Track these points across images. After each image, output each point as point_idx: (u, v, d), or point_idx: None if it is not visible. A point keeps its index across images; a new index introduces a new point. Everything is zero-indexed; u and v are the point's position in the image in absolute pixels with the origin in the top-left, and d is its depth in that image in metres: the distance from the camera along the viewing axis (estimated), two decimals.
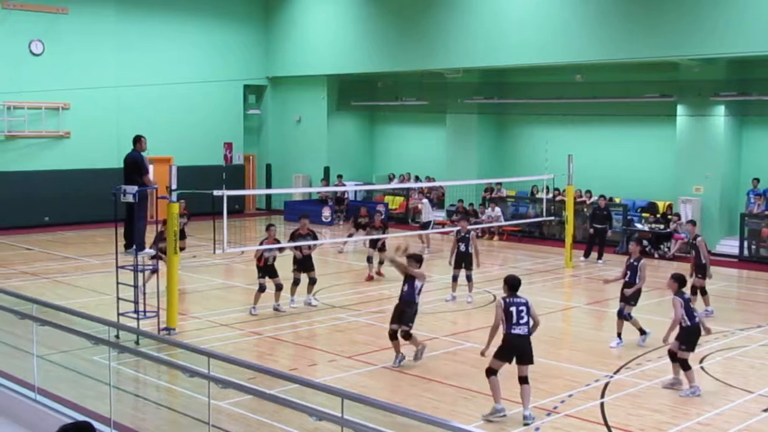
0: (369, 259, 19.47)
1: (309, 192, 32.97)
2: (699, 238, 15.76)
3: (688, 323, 11.16)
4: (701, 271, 15.42)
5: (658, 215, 24.60)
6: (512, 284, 10.22)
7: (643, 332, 13.63)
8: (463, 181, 26.27)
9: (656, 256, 23.39)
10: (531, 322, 10.08)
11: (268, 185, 35.07)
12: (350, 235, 22.07)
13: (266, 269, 15.87)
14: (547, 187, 24.61)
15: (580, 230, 24.77)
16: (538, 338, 14.04)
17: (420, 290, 12.21)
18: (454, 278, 17.16)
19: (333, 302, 17.04)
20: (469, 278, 17.07)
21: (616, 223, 24.72)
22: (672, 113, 24.90)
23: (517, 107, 29.19)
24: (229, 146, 33.52)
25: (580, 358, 12.95)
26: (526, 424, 9.81)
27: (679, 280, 11.35)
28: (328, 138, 33.49)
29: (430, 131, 32.94)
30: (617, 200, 26.29)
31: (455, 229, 26.65)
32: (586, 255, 22.59)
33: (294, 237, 16.42)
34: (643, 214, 25.24)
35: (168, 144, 31.01)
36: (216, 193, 14.55)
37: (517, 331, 9.98)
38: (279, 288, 15.92)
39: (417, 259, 12.18)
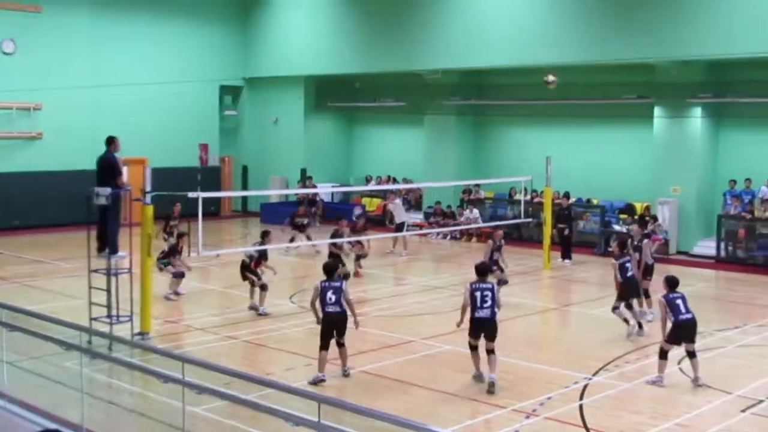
0: (358, 257, 19.56)
1: (285, 194, 32.80)
2: (645, 241, 15.95)
3: (672, 319, 11.57)
4: (648, 273, 15.65)
5: (636, 216, 24.68)
6: (480, 270, 11.68)
7: (641, 326, 14.30)
8: (442, 183, 26.23)
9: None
10: (495, 306, 11.31)
11: (245, 187, 34.85)
12: (291, 240, 22.03)
13: (253, 271, 16.04)
14: (525, 189, 24.64)
15: (555, 232, 24.79)
16: (516, 340, 14.12)
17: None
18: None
19: (308, 305, 16.89)
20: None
21: (594, 225, 24.81)
22: (649, 115, 25.02)
23: (495, 108, 29.23)
24: (204, 148, 33.30)
25: (558, 360, 12.95)
26: (490, 391, 11.10)
27: (669, 282, 11.81)
28: (305, 139, 33.35)
29: (408, 132, 32.89)
30: (595, 201, 26.38)
31: (433, 231, 26.65)
32: (564, 256, 22.59)
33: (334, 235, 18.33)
34: (621, 216, 25.33)
35: (142, 145, 30.69)
36: (191, 195, 14.42)
37: (480, 314, 11.36)
38: (263, 288, 15.98)
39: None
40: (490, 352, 11.48)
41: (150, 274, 13.94)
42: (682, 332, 11.60)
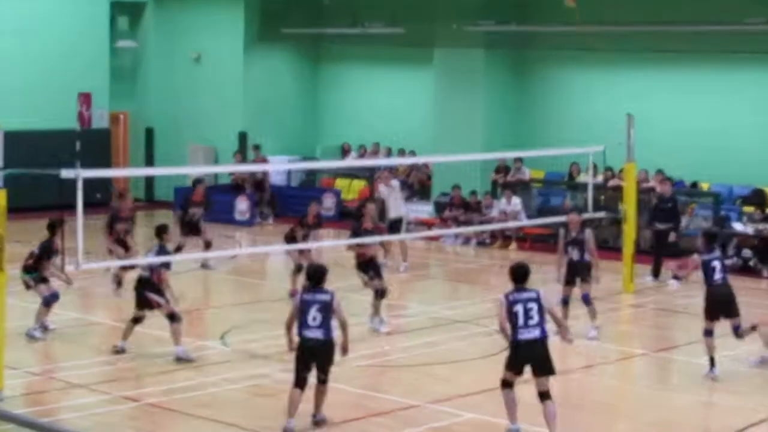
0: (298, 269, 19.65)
1: (214, 173, 32.69)
2: (694, 256, 16.62)
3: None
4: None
5: None
6: (518, 274, 12.55)
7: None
8: (461, 157, 26.20)
9: (766, 274, 23.53)
10: (545, 321, 12.07)
11: (149, 162, 34.73)
12: (178, 249, 21.85)
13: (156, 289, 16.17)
14: (595, 166, 24.67)
15: (646, 233, 24.81)
16: (582, 404, 14.14)
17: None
18: (564, 302, 17.75)
19: (250, 348, 16.94)
20: (587, 300, 17.72)
21: (703, 222, 24.84)
22: None
23: (545, 38, 29.20)
24: (86, 99, 33.24)
25: None
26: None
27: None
28: (244, 87, 33.33)
29: (408, 77, 32.79)
30: (704, 186, 26.41)
31: (448, 232, 26.74)
32: (655, 273, 22.63)
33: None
34: (745, 208, 25.37)
35: None
36: (65, 173, 14.37)
37: (525, 336, 12.13)
38: (174, 319, 16.12)
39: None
40: (544, 395, 12.07)
41: (3, 297, 13.87)
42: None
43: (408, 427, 13.16)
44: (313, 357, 12.65)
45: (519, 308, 12.16)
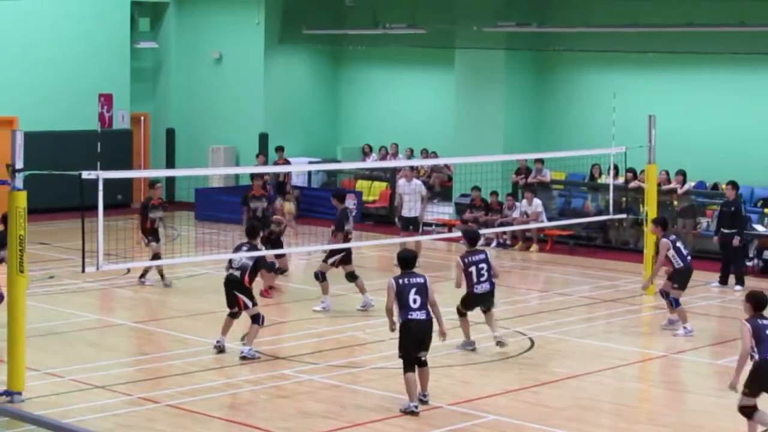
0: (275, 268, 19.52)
1: (235, 174, 32.78)
2: (663, 240, 18.31)
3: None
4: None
5: None
6: (471, 238, 16.47)
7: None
8: (482, 158, 26.19)
9: None
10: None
11: (170, 163, 34.82)
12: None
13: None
14: (616, 167, 24.61)
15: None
16: (598, 406, 14.14)
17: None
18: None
19: (275, 350, 16.97)
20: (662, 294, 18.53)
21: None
22: None
23: (566, 39, 29.17)
24: (106, 100, 33.35)
25: None
26: (499, 343, 16.48)
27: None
28: (265, 88, 33.39)
29: (429, 78, 32.80)
30: (722, 187, 26.36)
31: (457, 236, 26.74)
32: (723, 280, 22.49)
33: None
34: (766, 210, 25.28)
35: (10, 99, 30.78)
36: (86, 175, 14.41)
37: (479, 290, 16.14)
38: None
39: None
40: (486, 311, 16.46)
41: (23, 299, 13.94)
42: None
43: (429, 429, 13.17)
44: (419, 336, 13.55)
45: (473, 270, 16.23)
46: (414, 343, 13.58)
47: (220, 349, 16.59)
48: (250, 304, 16.38)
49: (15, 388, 13.87)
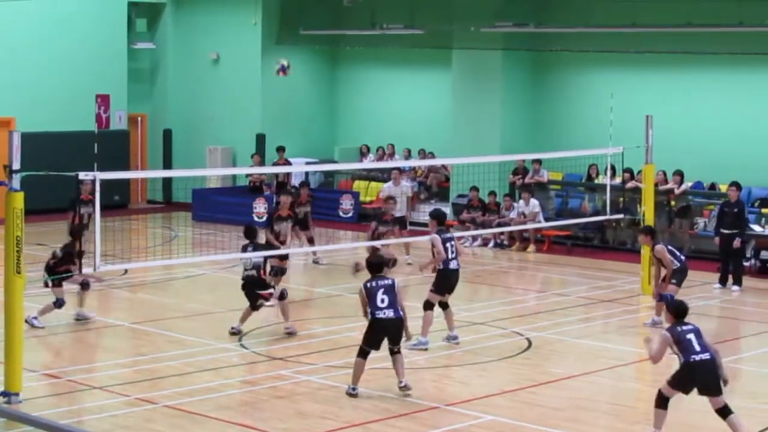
0: (276, 271, 19.53)
1: (232, 174, 32.77)
2: (658, 247, 18.59)
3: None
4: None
5: None
6: (439, 218, 17.24)
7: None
8: (479, 158, 26.22)
9: None
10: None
11: (167, 164, 34.83)
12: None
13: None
14: (613, 168, 24.64)
15: (665, 235, 24.79)
16: (594, 406, 14.14)
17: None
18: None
19: (272, 351, 16.98)
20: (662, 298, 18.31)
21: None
22: None
23: (563, 39, 29.18)
24: (104, 101, 33.37)
25: None
26: (452, 338, 17.05)
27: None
28: (262, 89, 33.40)
29: (426, 79, 32.81)
30: (722, 188, 26.36)
31: (466, 234, 26.78)
32: (722, 281, 22.48)
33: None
34: (764, 210, 25.30)
35: (7, 99, 30.77)
36: (83, 176, 14.42)
37: (453, 265, 16.86)
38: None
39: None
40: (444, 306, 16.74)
41: (20, 300, 13.94)
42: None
43: (426, 429, 13.18)
44: (386, 332, 14.26)
45: (449, 246, 16.85)
46: (379, 340, 14.32)
47: (236, 332, 17.43)
48: (274, 291, 17.54)
49: (12, 388, 13.85)
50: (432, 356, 16.42)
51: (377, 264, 14.69)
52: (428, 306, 16.77)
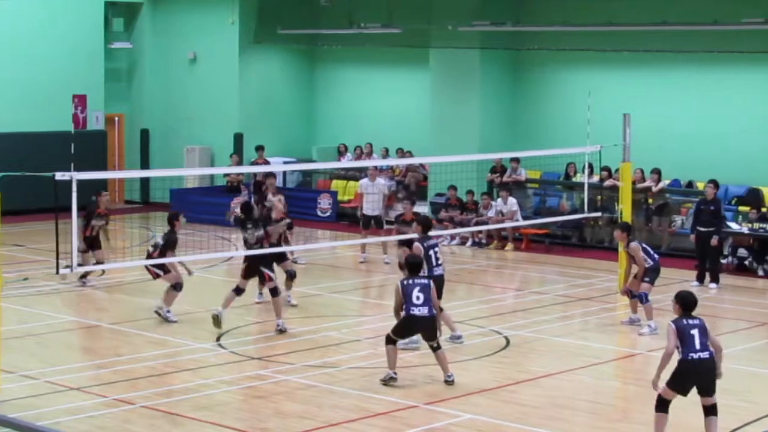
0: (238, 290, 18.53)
1: (210, 174, 32.72)
2: (632, 244, 18.55)
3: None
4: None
5: (764, 209, 24.79)
6: (425, 224, 16.84)
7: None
8: (458, 157, 26.22)
9: (761, 273, 23.58)
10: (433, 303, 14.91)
11: (145, 164, 34.74)
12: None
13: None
14: (591, 166, 24.68)
15: (643, 233, 24.86)
16: (573, 405, 14.18)
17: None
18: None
19: (251, 351, 16.98)
20: (640, 298, 18.35)
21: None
22: None
23: (541, 38, 29.24)
24: (81, 101, 33.28)
25: None
26: (455, 338, 16.86)
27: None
28: (240, 88, 33.37)
29: (404, 78, 32.82)
30: (699, 185, 26.48)
31: (444, 232, 26.79)
32: (699, 278, 22.53)
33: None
34: (741, 208, 25.39)
35: None
36: (60, 176, 14.37)
37: (438, 272, 16.39)
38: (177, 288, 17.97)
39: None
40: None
41: None
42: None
43: (406, 428, 13.17)
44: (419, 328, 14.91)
45: (431, 253, 16.46)
46: (410, 333, 15.13)
47: (217, 316, 17.81)
48: (273, 275, 17.81)
49: None
50: (410, 356, 16.42)
51: (416, 264, 15.16)
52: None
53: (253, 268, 17.89)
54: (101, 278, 22.27)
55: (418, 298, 14.60)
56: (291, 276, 19.56)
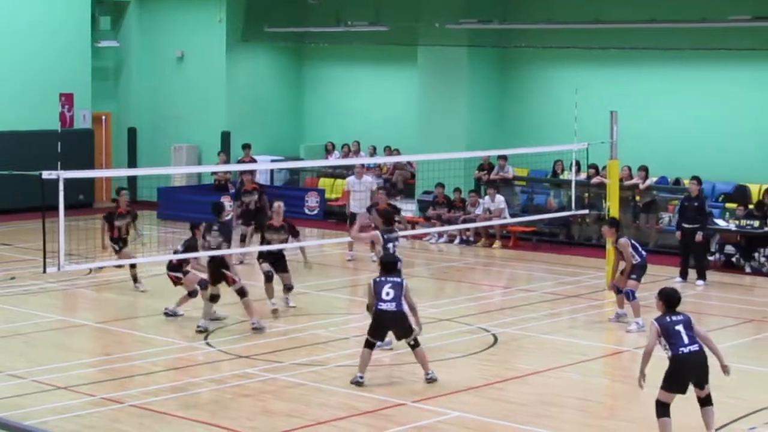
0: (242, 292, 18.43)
1: (198, 172, 32.68)
2: (622, 240, 18.57)
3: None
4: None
5: (751, 206, 24.83)
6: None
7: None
8: (445, 155, 26.18)
9: (748, 270, 23.63)
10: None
11: (132, 162, 34.69)
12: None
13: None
14: (579, 163, 24.72)
15: (630, 230, 24.89)
16: (562, 401, 14.19)
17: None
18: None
19: (238, 349, 16.96)
20: (627, 295, 18.36)
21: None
22: None
23: (528, 36, 29.26)
24: (68, 100, 33.22)
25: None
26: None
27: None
28: (227, 86, 33.35)
29: (392, 76, 32.81)
30: (686, 182, 26.52)
31: (432, 230, 26.80)
32: (683, 274, 22.58)
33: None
34: (728, 205, 25.45)
35: None
36: (47, 175, 14.34)
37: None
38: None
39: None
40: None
41: None
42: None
43: (393, 426, 13.18)
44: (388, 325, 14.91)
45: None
46: (381, 330, 14.92)
47: (170, 314, 18.29)
48: (236, 277, 17.80)
49: None
50: (398, 353, 16.43)
51: (390, 263, 15.39)
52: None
53: (216, 272, 17.76)
54: (88, 277, 22.23)
55: (387, 294, 14.70)
56: (288, 289, 19.46)
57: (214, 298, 17.79)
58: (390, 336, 16.32)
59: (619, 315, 18.66)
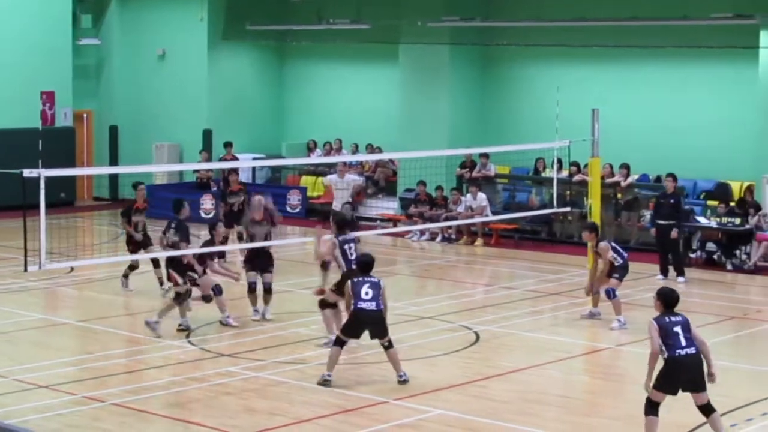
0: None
1: (179, 170, 32.62)
2: (602, 244, 18.53)
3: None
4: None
5: (733, 203, 24.92)
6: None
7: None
8: (427, 152, 26.15)
9: (729, 267, 23.71)
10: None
11: (114, 161, 34.61)
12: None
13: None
14: (560, 161, 24.76)
15: (612, 228, 24.96)
16: (545, 399, 14.21)
17: None
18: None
19: (220, 347, 16.95)
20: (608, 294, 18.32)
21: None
22: (754, 43, 25.22)
23: (510, 34, 29.30)
24: (49, 98, 33.14)
25: (617, 429, 13.07)
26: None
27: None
28: (209, 85, 33.37)
29: (373, 74, 32.85)
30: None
31: (414, 228, 26.83)
32: (663, 271, 22.65)
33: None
34: (709, 203, 25.53)
35: None
36: (28, 173, 14.31)
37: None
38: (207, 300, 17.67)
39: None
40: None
41: None
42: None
43: (376, 424, 13.19)
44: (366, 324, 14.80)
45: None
46: (357, 330, 14.84)
47: (153, 324, 17.35)
48: (179, 279, 17.45)
49: None
50: (380, 351, 16.44)
51: (366, 263, 15.19)
52: (325, 305, 16.56)
53: (170, 270, 17.70)
54: (69, 275, 22.18)
55: (366, 293, 14.68)
56: (267, 292, 18.63)
57: (179, 297, 17.47)
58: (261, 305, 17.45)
59: (592, 313, 18.83)
